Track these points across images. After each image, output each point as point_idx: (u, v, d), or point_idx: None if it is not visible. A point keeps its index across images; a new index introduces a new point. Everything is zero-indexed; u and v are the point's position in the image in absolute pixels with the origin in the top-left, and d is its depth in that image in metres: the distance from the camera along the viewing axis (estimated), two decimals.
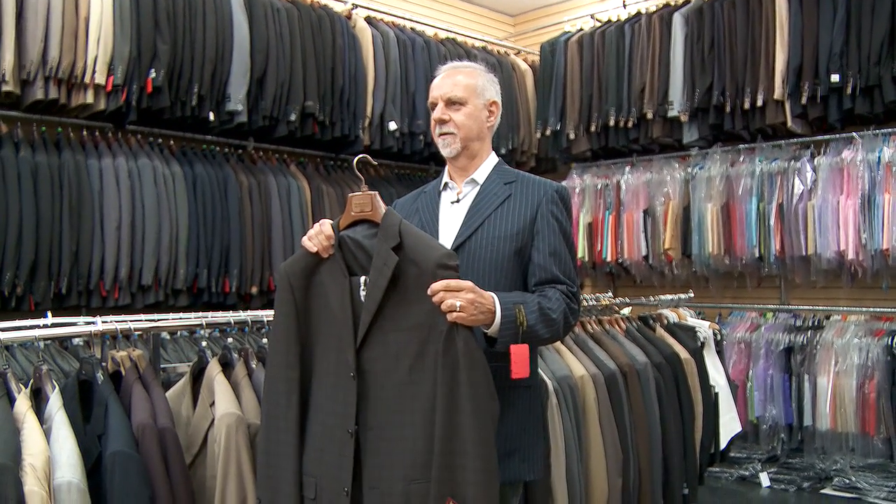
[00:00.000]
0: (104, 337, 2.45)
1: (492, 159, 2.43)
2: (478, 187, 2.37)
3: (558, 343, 3.29)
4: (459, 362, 1.93)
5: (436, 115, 2.35)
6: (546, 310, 2.13)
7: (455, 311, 1.93)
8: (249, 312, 2.77)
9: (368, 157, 2.29)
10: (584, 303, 3.67)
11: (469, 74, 2.38)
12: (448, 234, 2.33)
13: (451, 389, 1.92)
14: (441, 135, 2.35)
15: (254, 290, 4.71)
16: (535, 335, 2.11)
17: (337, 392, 2.03)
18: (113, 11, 4.18)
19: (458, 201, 2.38)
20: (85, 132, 4.40)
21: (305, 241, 2.09)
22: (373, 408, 2.00)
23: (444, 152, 2.37)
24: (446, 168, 2.45)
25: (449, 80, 2.36)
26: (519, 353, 2.05)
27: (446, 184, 2.43)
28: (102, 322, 2.25)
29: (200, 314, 2.77)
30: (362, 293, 2.03)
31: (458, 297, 1.93)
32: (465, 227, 2.30)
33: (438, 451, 1.91)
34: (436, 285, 1.94)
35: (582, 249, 6.13)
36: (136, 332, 2.33)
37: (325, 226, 2.08)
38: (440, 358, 1.94)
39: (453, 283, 1.95)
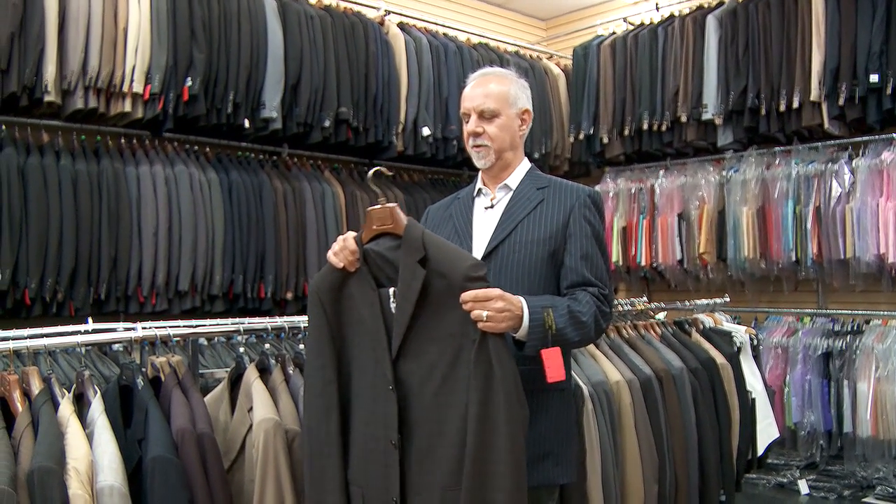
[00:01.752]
0: (143, 343, 2.48)
1: (524, 165, 2.43)
2: (511, 193, 2.38)
3: (593, 348, 3.28)
4: (491, 371, 1.94)
5: (469, 128, 2.36)
6: (576, 312, 2.13)
7: (483, 321, 1.94)
8: (286, 318, 2.80)
9: (383, 168, 2.27)
10: (619, 307, 3.65)
11: (501, 83, 2.37)
12: (481, 239, 2.34)
13: (483, 398, 1.93)
14: (475, 147, 2.36)
15: (289, 295, 4.74)
16: (565, 338, 2.11)
17: (377, 404, 2.05)
18: (150, 21, 4.24)
19: (491, 207, 2.39)
20: (123, 140, 4.47)
21: (331, 256, 2.11)
22: (411, 418, 2.02)
23: (479, 164, 2.38)
24: (479, 174, 2.46)
25: (481, 90, 2.36)
26: (552, 357, 2.07)
27: (480, 190, 2.45)
28: (142, 328, 2.28)
29: (237, 320, 2.79)
30: (392, 305, 2.05)
31: (486, 306, 1.95)
32: (498, 231, 2.31)
33: (470, 459, 1.92)
34: (465, 296, 1.96)
35: (616, 254, 6.10)
36: (175, 339, 2.36)
37: (348, 241, 2.09)
38: (472, 367, 1.95)
39: (481, 293, 1.96)
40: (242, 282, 4.57)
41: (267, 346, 2.50)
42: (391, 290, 2.05)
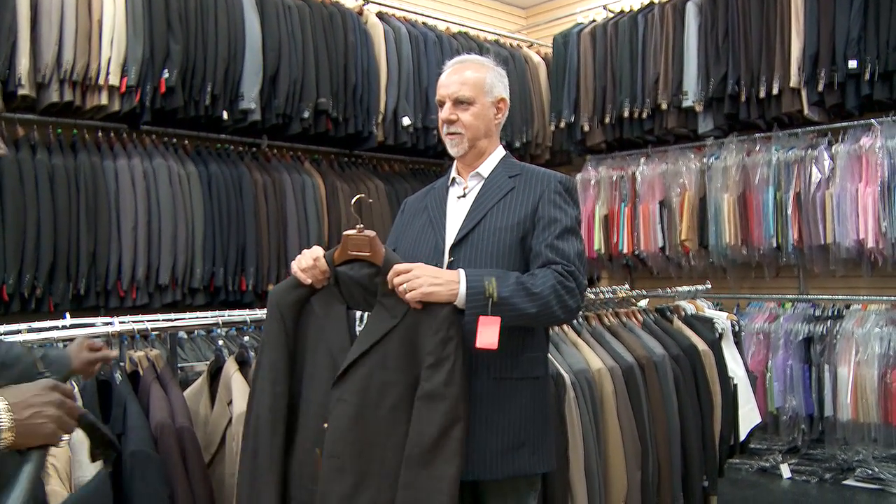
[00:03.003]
0: (122, 337, 2.46)
1: (498, 153, 2.43)
2: (483, 181, 2.38)
3: (574, 336, 3.29)
4: (444, 403, 1.99)
5: (443, 115, 2.35)
6: (527, 284, 2.11)
7: (403, 290, 2.02)
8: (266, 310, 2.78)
9: (364, 196, 2.36)
10: (601, 295, 3.66)
11: (477, 70, 2.36)
12: (453, 227, 2.34)
13: (426, 428, 1.98)
14: (449, 134, 2.35)
15: (270, 287, 4.71)
16: (513, 308, 2.07)
17: (319, 422, 2.05)
18: (125, 13, 4.20)
19: (464, 196, 2.39)
20: (100, 133, 4.43)
21: (298, 272, 2.10)
22: (358, 438, 2.01)
23: (452, 152, 2.38)
24: (454, 163, 2.46)
25: (456, 77, 2.35)
26: (487, 324, 2.05)
27: (454, 179, 2.45)
28: (120, 322, 2.26)
29: (217, 313, 2.77)
30: (358, 328, 2.11)
31: (407, 278, 2.03)
32: (469, 219, 2.31)
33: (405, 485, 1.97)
34: (391, 279, 2.04)
35: (598, 241, 6.11)
36: (154, 332, 2.34)
37: (320, 260, 2.10)
38: (423, 397, 2.00)
39: (399, 267, 2.05)
40: (223, 275, 4.55)
41: (246, 338, 2.49)
42: (358, 313, 2.13)
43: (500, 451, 2.19)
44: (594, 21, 6.32)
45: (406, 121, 5.35)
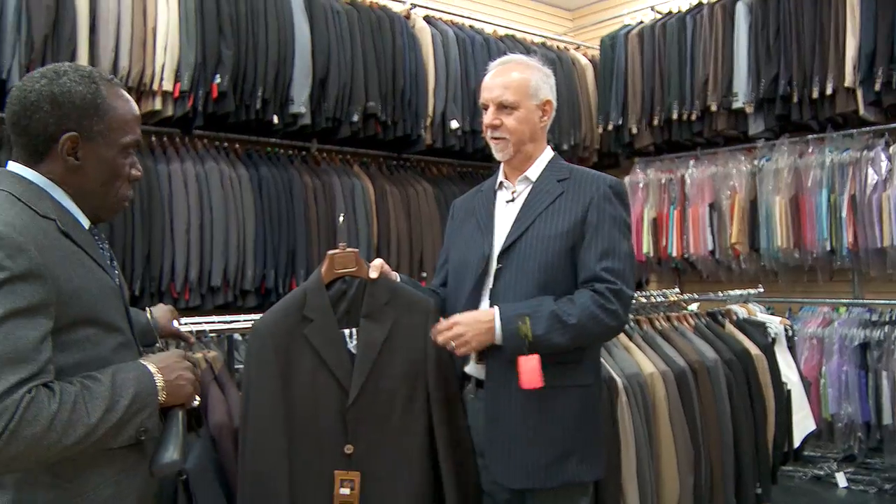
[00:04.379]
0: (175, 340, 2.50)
1: (546, 155, 2.39)
2: (531, 185, 2.34)
3: (626, 340, 3.26)
4: (449, 398, 2.20)
5: (487, 120, 2.32)
6: (562, 316, 2.10)
7: (452, 347, 2.10)
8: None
9: (344, 214, 2.62)
10: (652, 299, 3.62)
11: (521, 72, 2.31)
12: (501, 233, 2.31)
13: (446, 429, 2.16)
14: (493, 139, 2.32)
15: None
16: (550, 344, 2.10)
17: (335, 444, 2.09)
18: (179, 19, 4.26)
19: (512, 200, 2.36)
20: (154, 138, 4.51)
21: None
22: (370, 454, 2.10)
23: (497, 156, 2.35)
24: (501, 166, 2.42)
25: (500, 79, 2.30)
26: (527, 364, 2.09)
27: (501, 183, 2.42)
28: (179, 324, 2.29)
29: None
30: (351, 345, 2.14)
31: (447, 336, 2.11)
32: (517, 226, 2.28)
33: (451, 485, 2.16)
34: (435, 336, 2.13)
35: (647, 245, 6.06)
36: (210, 334, 2.38)
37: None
38: (432, 398, 2.17)
39: (439, 326, 2.13)
40: (274, 276, 4.60)
41: None
42: (347, 331, 2.15)
43: (549, 461, 2.18)
44: (642, 22, 6.27)
45: (454, 124, 5.36)
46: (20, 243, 1.39)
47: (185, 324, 2.33)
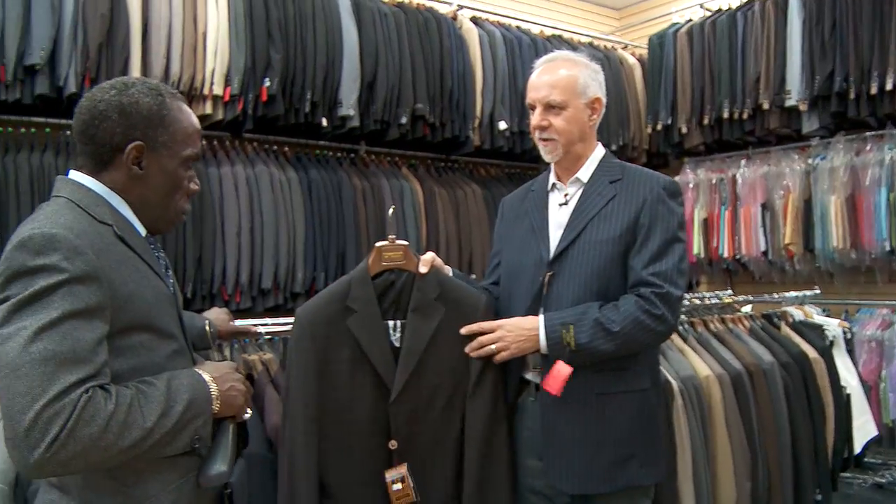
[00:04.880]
0: (233, 341, 2.52)
1: (597, 155, 2.33)
2: (582, 187, 2.29)
3: (681, 342, 3.21)
4: (488, 402, 2.17)
5: (534, 121, 2.27)
6: (607, 324, 2.07)
7: (494, 354, 2.11)
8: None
9: (395, 207, 2.35)
10: (705, 301, 3.56)
11: (569, 69, 2.25)
12: (555, 237, 2.27)
13: (483, 428, 2.15)
14: (541, 140, 2.27)
15: None
16: (593, 352, 2.09)
17: (374, 436, 2.09)
18: (228, 24, 4.30)
19: (565, 203, 2.31)
20: (204, 142, 4.55)
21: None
22: (411, 446, 2.11)
23: (546, 158, 2.30)
24: (552, 166, 2.38)
25: (547, 78, 2.24)
26: (558, 371, 2.09)
27: (553, 185, 2.37)
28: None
29: None
30: (394, 338, 2.12)
31: (487, 340, 2.12)
32: (569, 231, 2.24)
33: (471, 490, 2.12)
34: (471, 343, 2.13)
35: (697, 246, 5.96)
36: (266, 336, 2.38)
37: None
38: (471, 396, 2.16)
39: (484, 325, 2.14)
40: (324, 279, 4.61)
41: None
42: (391, 323, 2.13)
43: (608, 465, 2.16)
44: (690, 20, 6.18)
45: (502, 125, 5.33)
46: (77, 246, 1.40)
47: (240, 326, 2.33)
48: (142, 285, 1.53)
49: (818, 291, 4.31)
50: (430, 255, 2.21)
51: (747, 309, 3.88)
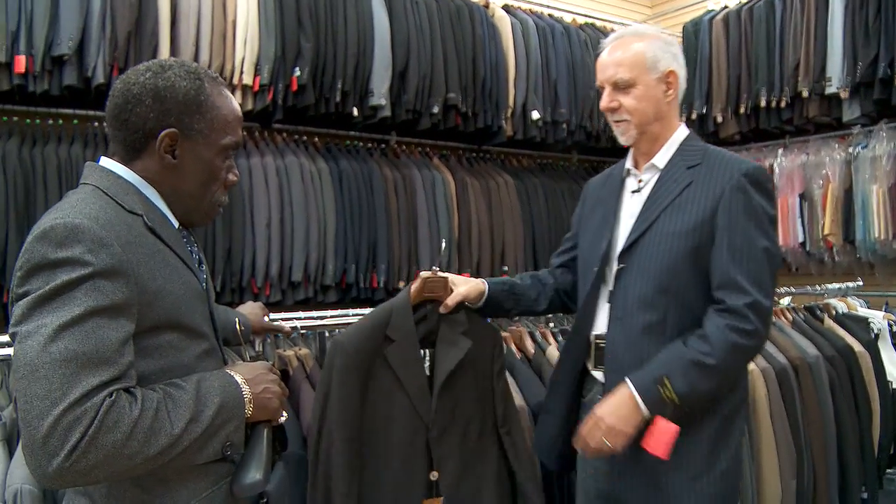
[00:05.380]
0: (266, 335, 2.46)
1: (677, 137, 2.14)
2: (658, 174, 2.12)
3: None
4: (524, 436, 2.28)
5: (603, 103, 2.13)
6: (700, 361, 1.89)
7: (608, 447, 1.93)
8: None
9: (445, 246, 2.32)
10: None
11: (636, 43, 2.09)
12: (626, 228, 2.13)
13: (515, 453, 2.21)
14: (615, 122, 2.14)
15: (401, 284, 4.70)
16: (698, 397, 1.91)
17: (413, 466, 2.07)
18: (258, 12, 4.25)
19: (638, 191, 2.16)
20: None
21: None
22: (453, 480, 2.09)
23: (621, 140, 2.16)
24: (630, 150, 2.25)
25: (613, 55, 2.10)
26: (662, 430, 1.89)
27: (629, 171, 2.22)
28: (270, 320, 2.25)
29: (361, 310, 2.69)
30: (425, 367, 2.12)
31: (597, 433, 1.94)
32: (640, 221, 2.08)
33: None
34: (581, 442, 2.00)
35: None
36: (301, 331, 2.33)
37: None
38: (506, 436, 2.21)
39: (583, 430, 1.98)
40: (355, 271, 4.55)
41: None
42: (422, 352, 2.12)
43: (690, 478, 2.02)
44: (726, 7, 6.04)
45: (535, 115, 5.24)
46: (102, 237, 1.30)
47: (274, 320, 2.28)
48: (172, 280, 1.43)
49: (861, 283, 4.19)
50: (458, 296, 2.16)
51: (786, 301, 3.78)
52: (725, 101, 5.81)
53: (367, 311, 2.74)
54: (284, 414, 1.57)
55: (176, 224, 1.55)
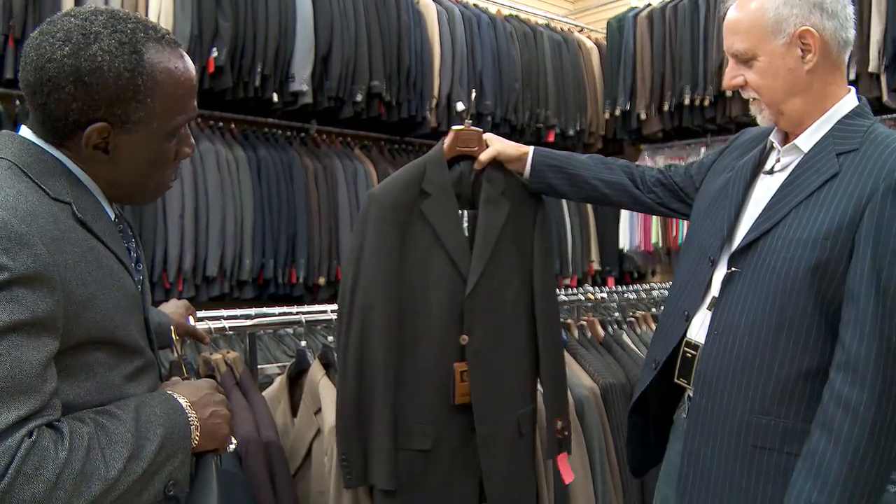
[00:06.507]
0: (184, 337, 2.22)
1: (836, 111, 1.64)
2: (799, 158, 1.65)
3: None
4: (554, 301, 2.21)
5: (725, 81, 1.74)
6: (855, 460, 1.43)
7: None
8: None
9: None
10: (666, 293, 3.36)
11: (753, 2, 1.64)
12: (748, 221, 1.69)
13: (548, 324, 2.14)
14: (751, 100, 1.73)
15: (321, 280, 4.47)
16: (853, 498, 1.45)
17: (449, 330, 1.99)
18: None
19: (770, 173, 1.71)
20: None
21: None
22: (483, 345, 2.03)
23: (760, 122, 1.75)
24: None
25: (731, 18, 1.68)
26: None
27: (772, 144, 1.75)
28: (195, 320, 2.01)
29: (295, 309, 2.41)
30: (465, 227, 2.05)
31: None
32: (764, 217, 1.64)
33: (549, 381, 2.15)
34: None
35: (655, 235, 5.84)
36: (230, 331, 2.09)
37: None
38: (535, 295, 2.14)
39: None
40: (273, 266, 4.30)
41: (331, 338, 2.24)
42: (460, 212, 2.05)
43: None
44: (649, 4, 6.02)
45: (460, 106, 5.08)
46: (22, 234, 1.05)
47: (202, 318, 2.04)
48: (105, 286, 1.17)
49: None
50: (494, 150, 2.07)
51: None
52: (649, 98, 5.79)
53: (295, 308, 2.53)
54: (234, 441, 1.34)
55: (112, 215, 1.28)
